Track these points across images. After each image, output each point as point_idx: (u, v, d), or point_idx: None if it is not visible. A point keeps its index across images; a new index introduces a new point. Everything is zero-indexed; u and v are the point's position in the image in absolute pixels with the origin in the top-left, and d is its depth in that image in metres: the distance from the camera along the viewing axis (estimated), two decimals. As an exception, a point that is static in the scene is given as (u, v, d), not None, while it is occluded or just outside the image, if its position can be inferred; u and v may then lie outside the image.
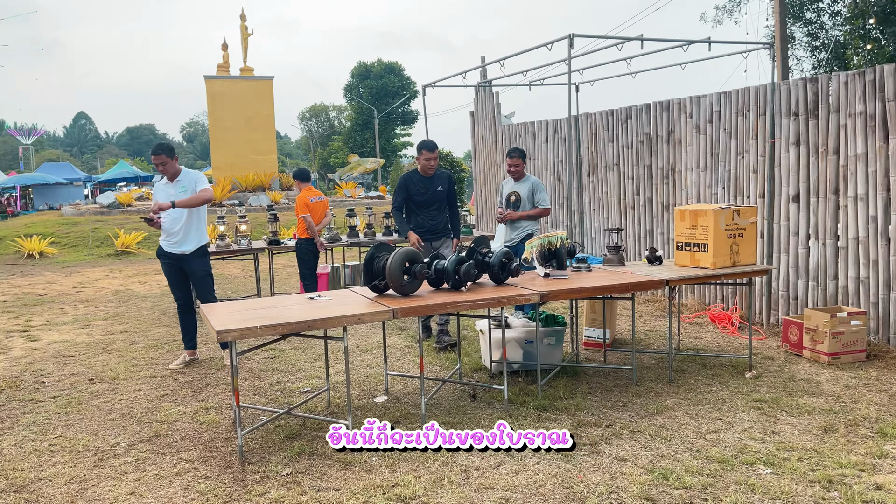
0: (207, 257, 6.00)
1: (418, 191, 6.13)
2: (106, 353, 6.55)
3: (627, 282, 4.73)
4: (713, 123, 7.13)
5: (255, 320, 3.92)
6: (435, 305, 4.23)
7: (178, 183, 5.82)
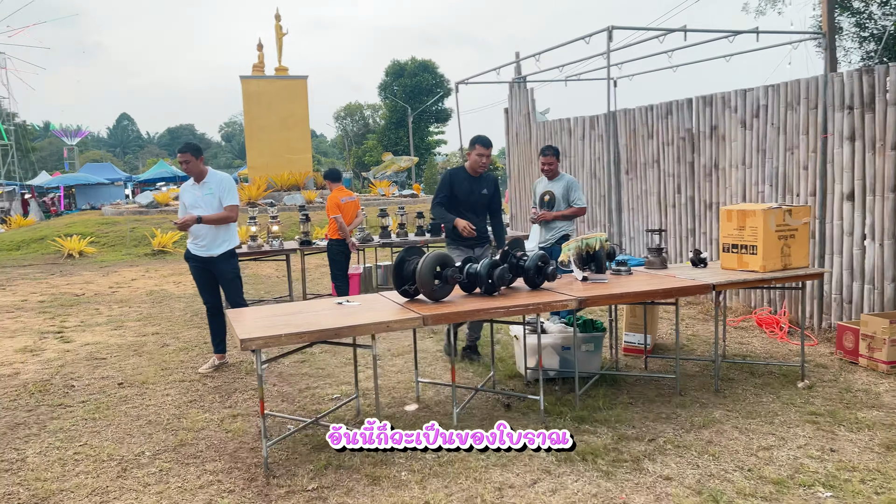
0: (236, 259, 5.91)
1: (463, 190, 5.55)
2: (137, 356, 6.51)
3: (671, 287, 4.47)
4: (760, 118, 6.79)
5: (280, 327, 3.78)
6: (467, 312, 4.04)
7: (204, 185, 5.72)
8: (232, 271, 5.83)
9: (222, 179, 5.78)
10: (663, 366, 5.51)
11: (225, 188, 5.72)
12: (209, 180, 5.73)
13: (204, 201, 5.72)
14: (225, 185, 5.74)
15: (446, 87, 46.75)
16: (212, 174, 5.78)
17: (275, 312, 4.26)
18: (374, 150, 47.63)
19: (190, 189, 5.82)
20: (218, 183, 5.72)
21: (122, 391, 5.40)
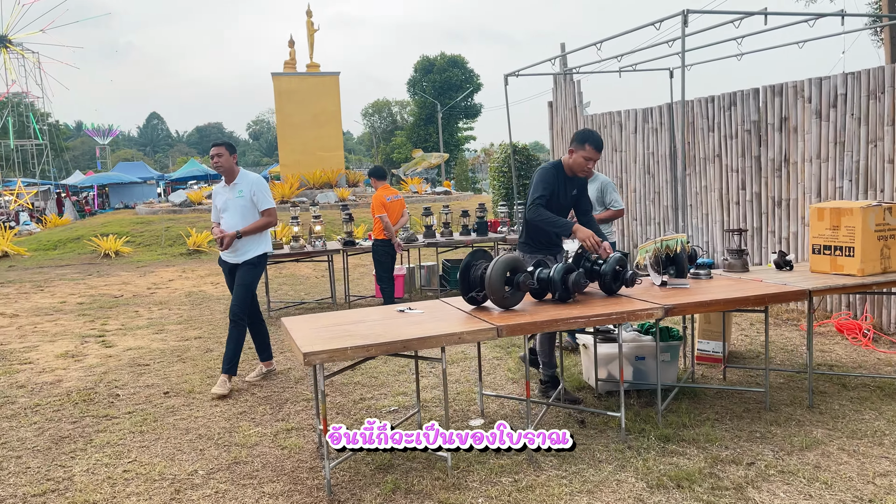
0: (260, 268, 5.51)
1: (557, 191, 4.60)
2: (181, 362, 6.27)
3: (765, 293, 4.08)
4: (837, 108, 6.33)
5: (343, 338, 3.47)
6: (544, 322, 3.69)
7: (234, 187, 5.41)
8: (248, 278, 5.40)
9: (254, 181, 5.44)
10: (743, 377, 5.11)
11: (258, 190, 5.40)
12: (240, 181, 5.42)
13: (234, 204, 5.40)
14: (258, 187, 5.41)
15: (476, 83, 46.33)
16: (243, 175, 5.46)
17: (334, 321, 3.96)
18: (402, 146, 47.41)
19: (221, 191, 5.51)
20: (249, 185, 5.40)
21: (168, 401, 5.16)
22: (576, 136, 4.59)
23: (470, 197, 24.32)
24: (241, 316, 5.39)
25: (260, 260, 5.48)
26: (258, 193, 5.39)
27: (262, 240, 5.50)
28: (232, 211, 5.42)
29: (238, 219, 5.37)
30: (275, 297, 9.50)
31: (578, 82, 10.37)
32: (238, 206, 5.40)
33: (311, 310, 8.53)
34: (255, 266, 5.45)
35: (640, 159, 9.14)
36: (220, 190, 5.53)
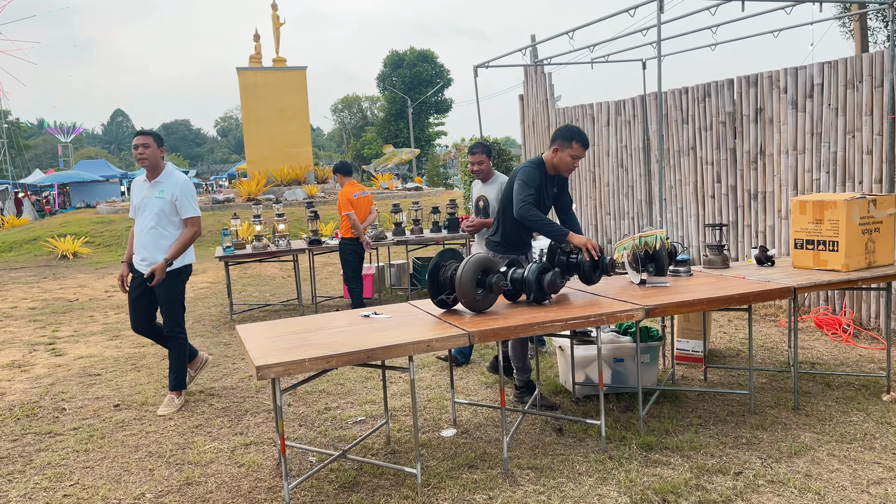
0: (182, 281, 4.89)
1: (544, 191, 4.35)
2: (135, 371, 5.92)
3: (749, 292, 3.88)
4: (814, 98, 6.18)
5: (302, 349, 3.18)
6: (518, 327, 3.44)
7: (156, 185, 4.77)
8: (171, 293, 4.80)
9: (181, 183, 4.78)
10: (725, 377, 4.93)
11: (183, 195, 4.75)
12: (163, 180, 4.78)
13: (151, 204, 4.74)
14: (184, 190, 4.76)
15: (446, 78, 46.04)
16: (168, 173, 4.82)
17: (292, 329, 3.67)
18: (373, 142, 46.94)
19: (140, 186, 4.86)
20: (174, 186, 4.75)
21: (118, 415, 4.82)
22: (561, 133, 4.28)
23: (441, 193, 24.06)
24: (177, 330, 4.90)
25: (183, 271, 4.87)
26: (182, 198, 4.75)
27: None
28: (148, 212, 4.75)
29: (152, 222, 4.73)
30: (238, 298, 9.14)
31: (549, 74, 10.16)
32: (155, 208, 4.73)
33: (275, 312, 8.20)
34: (178, 276, 4.84)
35: (613, 153, 8.96)
36: (140, 185, 4.88)
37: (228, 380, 5.51)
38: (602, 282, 4.39)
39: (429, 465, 3.65)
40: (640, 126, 8.40)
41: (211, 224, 17.06)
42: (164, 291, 4.79)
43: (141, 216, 4.81)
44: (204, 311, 8.42)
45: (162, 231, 4.77)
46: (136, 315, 4.93)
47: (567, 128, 4.31)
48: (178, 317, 4.90)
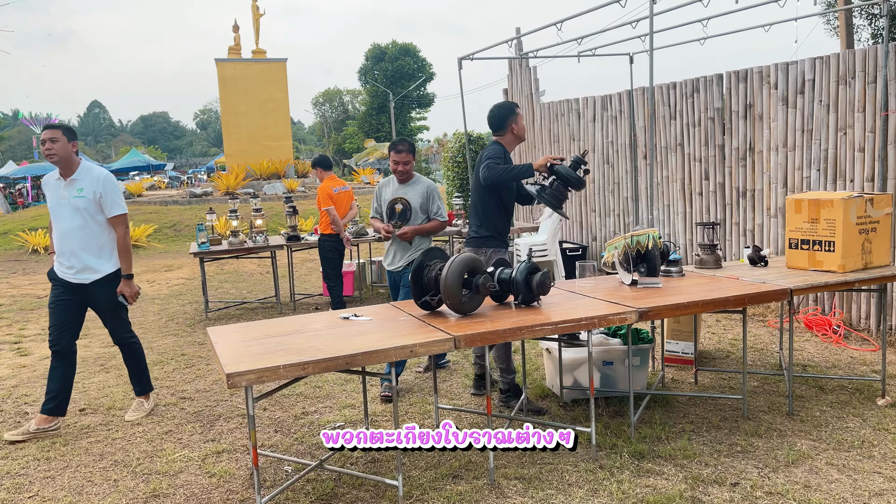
0: (116, 285, 4.41)
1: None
2: (104, 372, 5.67)
3: (745, 293, 3.73)
4: (805, 95, 6.07)
5: (276, 355, 2.98)
6: (507, 331, 3.26)
7: (73, 183, 4.26)
8: (112, 299, 4.41)
9: (102, 179, 4.28)
10: (715, 380, 4.79)
11: (107, 191, 4.27)
12: (80, 177, 4.27)
13: (70, 205, 4.24)
14: (107, 186, 4.27)
15: (429, 72, 45.73)
16: (85, 170, 4.30)
17: (267, 332, 3.46)
18: (354, 136, 46.52)
19: (53, 186, 4.35)
20: (94, 183, 4.25)
21: (83, 419, 4.58)
22: (504, 111, 4.42)
23: (423, 188, 23.82)
24: (128, 336, 4.59)
25: (116, 275, 4.40)
26: (107, 195, 4.26)
27: (113, 252, 4.40)
28: (66, 214, 4.27)
29: (75, 223, 4.25)
30: (214, 295, 8.88)
31: (535, 68, 9.99)
32: (75, 209, 4.24)
33: (252, 310, 7.96)
34: (113, 282, 4.39)
35: (599, 148, 8.81)
36: (53, 185, 4.35)
37: (202, 382, 5.29)
38: (592, 281, 4.24)
39: (411, 476, 3.46)
40: (627, 121, 8.26)
41: (188, 218, 16.72)
42: (105, 301, 4.40)
43: (59, 219, 4.30)
44: (178, 309, 8.16)
45: (88, 233, 4.28)
46: (60, 326, 4.36)
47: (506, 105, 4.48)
48: (125, 324, 4.57)
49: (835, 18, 14.41)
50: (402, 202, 4.83)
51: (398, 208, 4.84)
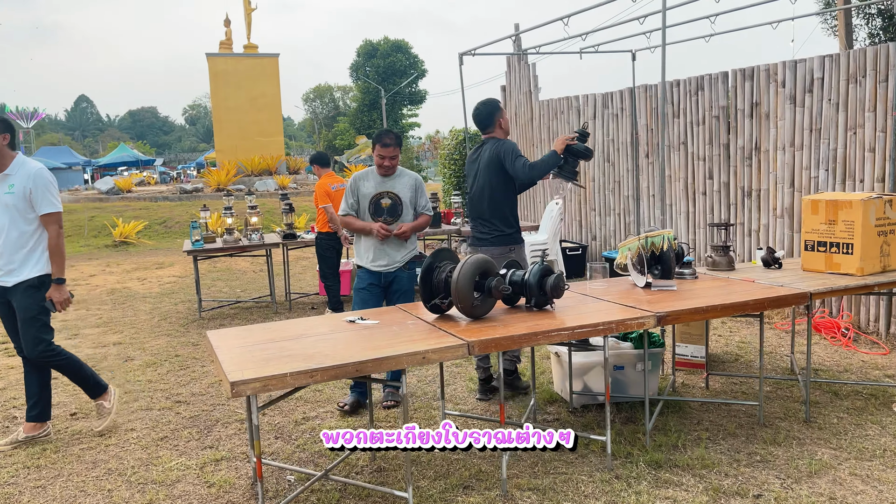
0: (43, 290, 4.06)
1: None
2: (95, 374, 5.48)
3: (763, 297, 3.62)
4: (813, 93, 5.97)
5: (281, 361, 2.84)
6: (522, 336, 3.13)
7: (5, 179, 3.97)
8: (34, 308, 4.03)
9: (34, 174, 3.98)
10: (726, 385, 4.68)
11: (38, 187, 3.96)
12: (13, 172, 3.97)
13: (3, 202, 3.96)
14: (39, 182, 3.97)
15: (420, 69, 45.52)
16: (19, 164, 4.00)
17: (270, 336, 3.31)
18: (345, 133, 46.26)
19: None
20: (26, 179, 3.95)
21: (75, 425, 4.41)
22: (490, 107, 4.50)
23: (416, 185, 23.65)
24: (46, 351, 4.12)
25: (43, 281, 4.05)
26: (38, 191, 3.96)
27: (43, 253, 4.07)
28: None
29: (4, 221, 3.98)
30: (207, 294, 8.70)
31: (534, 65, 9.86)
32: (5, 206, 3.97)
33: (247, 309, 7.79)
34: (38, 289, 4.04)
35: (600, 147, 8.70)
36: None
37: (197, 385, 5.12)
38: (604, 283, 4.12)
39: (420, 486, 3.33)
40: (629, 119, 8.14)
41: (178, 215, 16.49)
42: (25, 306, 4.01)
43: None
44: (171, 308, 7.98)
45: (19, 233, 3.99)
46: (13, 331, 4.16)
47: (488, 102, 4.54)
48: (41, 338, 4.09)
49: (832, 18, 14.37)
50: (389, 196, 4.43)
51: (385, 203, 4.43)
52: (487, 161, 4.38)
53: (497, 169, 4.36)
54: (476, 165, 4.53)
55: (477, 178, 4.50)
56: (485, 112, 4.45)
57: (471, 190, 4.58)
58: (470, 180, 4.60)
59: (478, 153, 4.58)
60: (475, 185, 4.52)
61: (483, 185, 4.44)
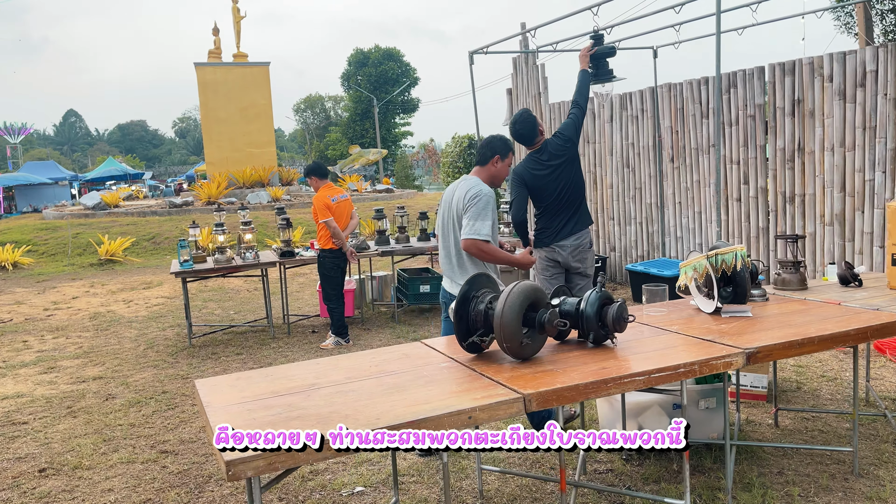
0: None
1: None
2: (71, 417, 4.85)
3: (866, 326, 3.01)
4: (866, 87, 5.41)
5: (290, 424, 2.21)
6: (590, 385, 2.51)
7: None
8: None
9: None
10: (796, 420, 4.07)
11: None
12: None
13: None
14: None
15: (413, 76, 45.03)
16: None
17: (272, 387, 2.68)
18: (337, 143, 45.65)
19: None
20: None
21: (43, 484, 3.76)
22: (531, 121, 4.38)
23: (414, 195, 23.06)
24: None
25: None
26: None
27: None
28: None
29: None
30: (198, 317, 8.06)
31: (542, 66, 9.28)
32: None
33: (241, 334, 7.15)
34: None
35: (618, 151, 8.12)
36: None
37: (186, 428, 4.48)
38: (663, 309, 3.51)
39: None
40: (651, 121, 7.57)
41: (168, 230, 15.83)
42: None
43: None
44: (158, 334, 7.33)
45: None
46: None
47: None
48: None
49: (845, 15, 13.94)
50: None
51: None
52: (571, 158, 4.39)
53: (576, 159, 4.45)
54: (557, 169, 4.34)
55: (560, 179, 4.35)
56: (528, 126, 4.37)
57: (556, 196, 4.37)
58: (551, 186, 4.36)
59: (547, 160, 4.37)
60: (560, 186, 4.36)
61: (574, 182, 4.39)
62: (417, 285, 7.41)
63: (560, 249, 4.40)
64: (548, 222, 4.45)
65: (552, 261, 4.46)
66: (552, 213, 4.43)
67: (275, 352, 6.34)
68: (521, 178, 4.46)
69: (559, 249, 4.41)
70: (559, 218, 4.42)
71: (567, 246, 4.40)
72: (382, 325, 7.17)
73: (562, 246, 4.40)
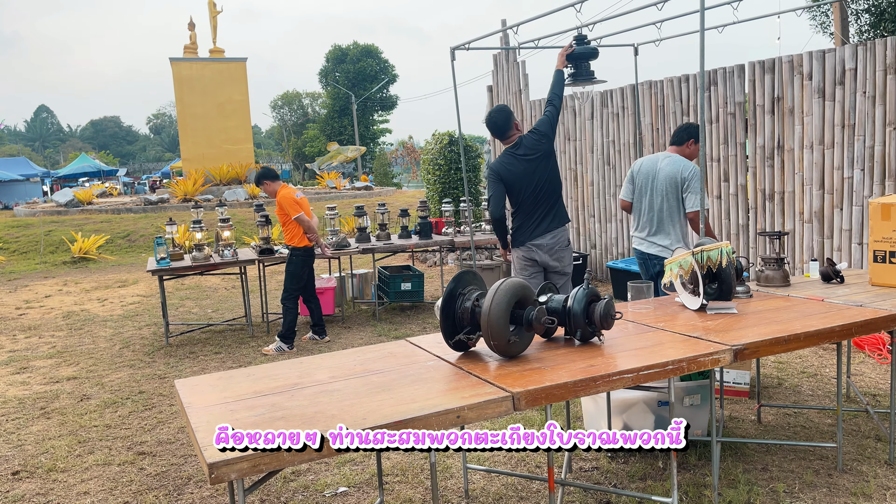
0: None
1: None
2: (44, 418, 4.73)
3: (851, 322, 3.03)
4: (845, 86, 5.45)
5: (275, 425, 2.16)
6: (579, 383, 2.48)
7: None
8: None
9: None
10: (778, 416, 4.09)
11: None
12: None
13: None
14: None
15: (391, 73, 44.86)
16: None
17: (255, 387, 2.62)
18: (315, 140, 45.33)
19: None
20: None
21: (17, 487, 3.66)
22: (504, 113, 4.57)
23: (393, 192, 22.98)
24: None
25: None
26: None
27: None
28: None
29: None
30: (175, 315, 7.93)
31: (523, 63, 9.27)
32: None
33: (220, 333, 7.04)
34: None
35: (599, 148, 8.13)
36: None
37: (164, 429, 4.39)
38: (648, 306, 3.50)
39: (448, 570, 2.67)
40: (631, 119, 7.59)
41: (143, 227, 15.59)
42: None
43: None
44: (134, 333, 7.20)
45: None
46: None
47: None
48: None
49: (821, 14, 14.12)
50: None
51: None
52: (546, 153, 4.42)
53: (551, 155, 4.49)
54: (531, 163, 4.39)
55: (536, 174, 4.39)
56: (500, 118, 4.52)
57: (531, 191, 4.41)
58: (526, 181, 4.42)
59: (523, 154, 4.42)
60: (535, 181, 4.39)
61: (549, 177, 4.43)
62: (399, 283, 7.35)
63: (537, 249, 4.38)
64: (524, 219, 4.42)
65: (530, 260, 4.44)
66: (528, 210, 4.40)
67: (254, 351, 6.25)
68: (496, 173, 4.45)
69: (536, 249, 4.38)
70: (535, 215, 4.40)
71: (544, 245, 4.37)
72: (363, 324, 7.11)
73: (538, 245, 4.37)
